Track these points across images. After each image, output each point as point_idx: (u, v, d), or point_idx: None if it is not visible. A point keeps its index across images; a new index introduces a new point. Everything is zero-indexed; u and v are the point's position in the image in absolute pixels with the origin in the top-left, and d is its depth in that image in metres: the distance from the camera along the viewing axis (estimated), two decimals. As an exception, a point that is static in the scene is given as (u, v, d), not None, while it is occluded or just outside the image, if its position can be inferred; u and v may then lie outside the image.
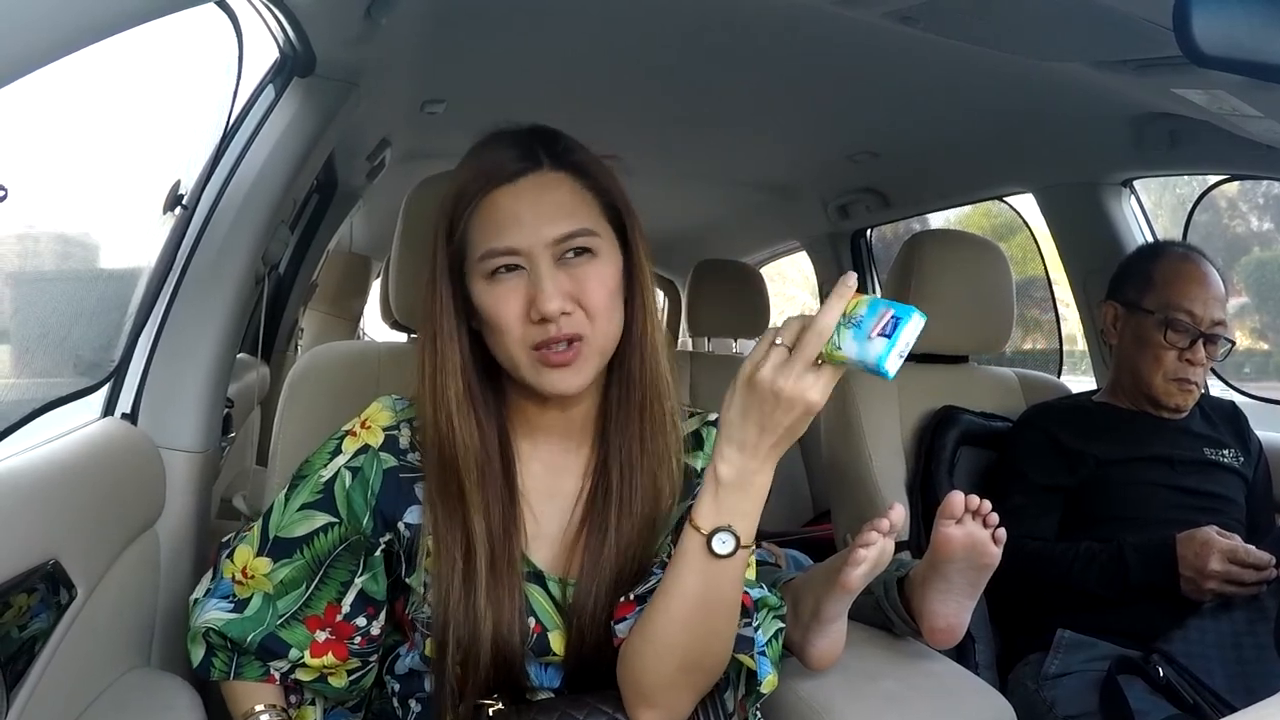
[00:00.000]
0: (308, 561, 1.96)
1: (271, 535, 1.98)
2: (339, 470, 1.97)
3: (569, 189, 1.85)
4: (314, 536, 1.95)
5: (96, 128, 2.50)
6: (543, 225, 1.79)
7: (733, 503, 1.69)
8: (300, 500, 1.97)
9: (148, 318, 2.77)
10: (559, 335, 1.79)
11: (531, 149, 1.86)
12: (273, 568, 1.97)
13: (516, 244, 1.79)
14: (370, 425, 2.02)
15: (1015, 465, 3.30)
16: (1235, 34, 1.66)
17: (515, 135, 1.91)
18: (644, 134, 4.85)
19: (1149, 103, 3.21)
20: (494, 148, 1.89)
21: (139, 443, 2.66)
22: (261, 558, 1.98)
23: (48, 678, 1.92)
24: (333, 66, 2.95)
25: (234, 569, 2.01)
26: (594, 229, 1.84)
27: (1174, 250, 3.41)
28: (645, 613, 1.80)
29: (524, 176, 1.83)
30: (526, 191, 1.82)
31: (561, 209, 1.82)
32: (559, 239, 1.79)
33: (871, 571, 2.22)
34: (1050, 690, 2.86)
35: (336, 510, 1.96)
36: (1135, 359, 3.28)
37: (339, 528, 1.96)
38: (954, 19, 2.59)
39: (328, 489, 1.96)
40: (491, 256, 1.80)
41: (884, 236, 6.47)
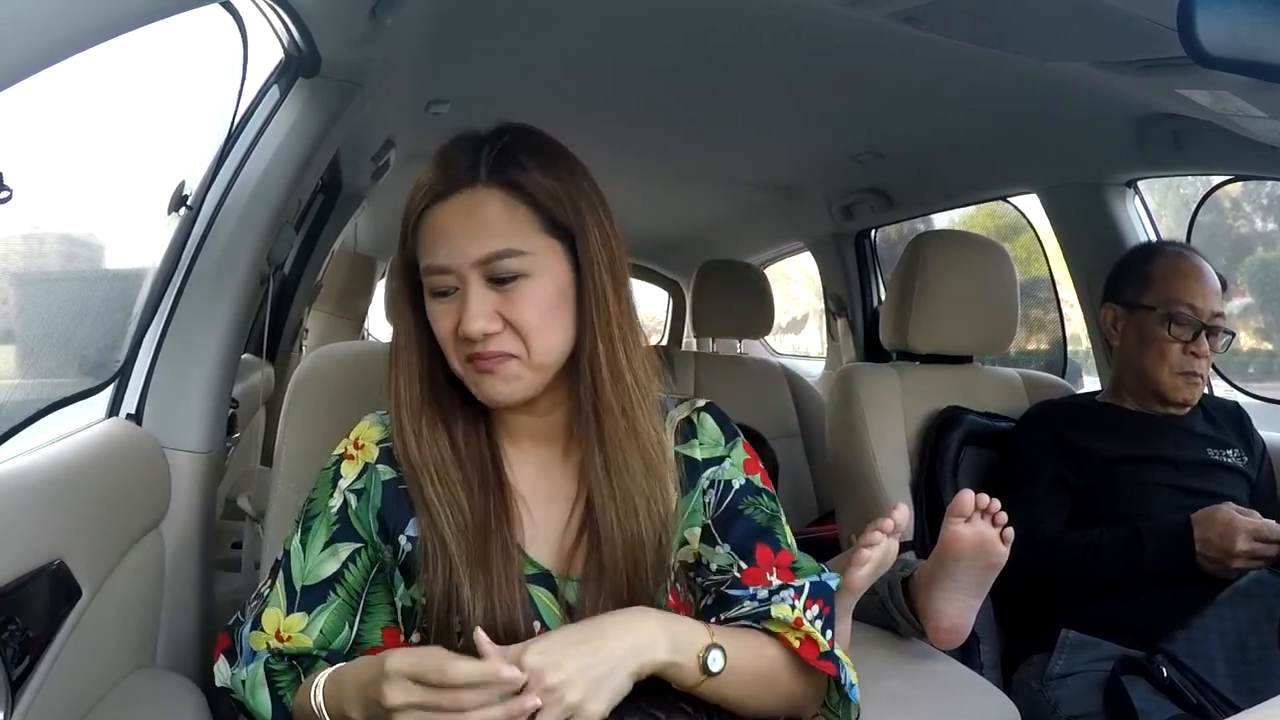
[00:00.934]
0: (344, 600, 1.93)
1: (299, 587, 1.94)
2: (345, 496, 1.96)
3: (500, 205, 1.81)
4: (345, 571, 1.93)
5: (101, 128, 2.50)
6: (469, 244, 1.78)
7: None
8: (321, 540, 1.95)
9: (152, 318, 2.77)
10: (485, 353, 1.80)
11: (474, 162, 1.83)
12: (309, 621, 1.91)
13: (447, 262, 1.79)
14: (363, 444, 2.01)
15: (1025, 459, 3.30)
16: (1239, 34, 1.66)
17: (468, 143, 1.88)
18: (648, 134, 4.85)
19: (1153, 103, 3.21)
20: (448, 154, 1.88)
21: (144, 443, 2.66)
22: (294, 615, 1.92)
23: (53, 678, 1.92)
24: (337, 67, 2.95)
25: (266, 638, 1.93)
26: (523, 248, 1.81)
27: (1168, 248, 3.44)
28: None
29: (456, 193, 1.81)
30: (457, 208, 1.81)
31: (490, 226, 1.80)
32: (484, 259, 1.78)
33: (876, 571, 2.22)
34: (1054, 690, 2.86)
35: (359, 535, 1.94)
36: (1140, 357, 3.29)
37: (366, 551, 1.94)
38: (958, 19, 2.59)
39: (342, 516, 1.95)
40: (430, 273, 1.82)
41: (888, 237, 6.46)
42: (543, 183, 1.85)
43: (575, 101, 4.13)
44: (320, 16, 2.64)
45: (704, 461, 2.02)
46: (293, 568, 1.94)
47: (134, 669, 2.38)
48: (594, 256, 1.88)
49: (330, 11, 2.62)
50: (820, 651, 1.85)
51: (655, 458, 1.93)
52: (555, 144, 1.94)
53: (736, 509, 2.01)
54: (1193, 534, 2.86)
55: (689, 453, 2.01)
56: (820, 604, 1.93)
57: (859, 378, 3.64)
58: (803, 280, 9.33)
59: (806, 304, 9.66)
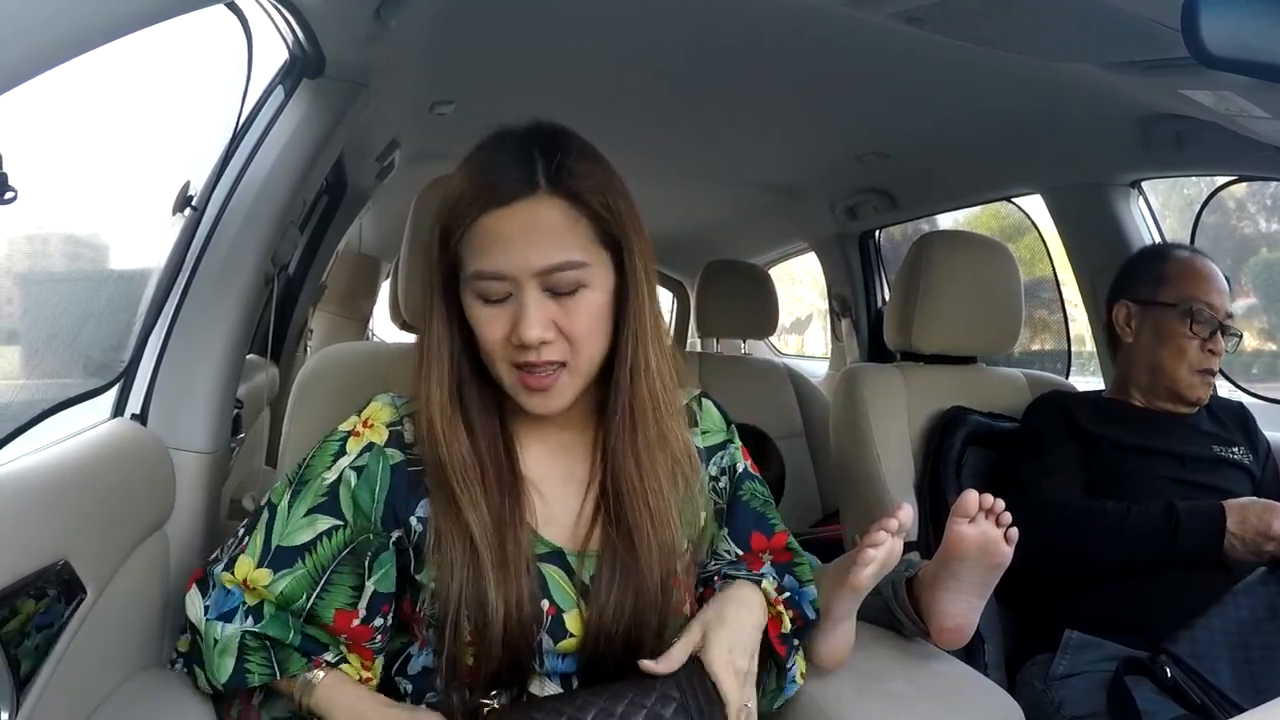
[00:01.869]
0: (309, 571, 1.94)
1: (274, 545, 1.96)
2: (343, 472, 1.96)
3: (561, 215, 1.82)
4: (318, 542, 1.94)
5: (106, 129, 2.50)
6: (531, 253, 1.78)
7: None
8: (304, 506, 1.96)
9: (157, 318, 2.77)
10: (539, 361, 1.81)
11: (530, 167, 1.83)
12: (272, 579, 1.94)
13: (504, 269, 1.79)
14: (373, 423, 2.02)
15: (1040, 436, 3.32)
16: (1243, 35, 1.66)
17: (516, 144, 1.88)
18: (652, 135, 4.85)
19: (1157, 103, 3.21)
20: (494, 157, 1.87)
21: (149, 443, 2.66)
22: (262, 569, 1.95)
23: (58, 678, 1.92)
24: (342, 67, 2.95)
25: (235, 580, 1.98)
26: (583, 259, 1.83)
27: (1180, 250, 3.46)
28: None
29: (518, 200, 1.80)
30: (518, 216, 1.80)
31: (552, 237, 1.81)
32: (546, 269, 1.79)
33: (880, 571, 2.22)
34: (1058, 691, 2.86)
35: (341, 513, 1.95)
36: (1156, 354, 3.29)
37: (344, 530, 1.94)
38: (962, 20, 2.60)
39: (332, 492, 1.95)
40: (480, 278, 1.82)
41: (892, 238, 6.46)
42: (598, 194, 1.86)
43: (579, 101, 4.13)
44: (325, 17, 2.64)
45: (708, 449, 2.09)
46: (275, 524, 1.98)
47: (138, 669, 2.38)
48: (638, 266, 1.91)
49: (335, 12, 2.63)
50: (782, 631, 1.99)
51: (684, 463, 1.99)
52: (596, 151, 1.96)
53: (737, 494, 2.11)
54: (1225, 518, 2.87)
55: (695, 440, 2.06)
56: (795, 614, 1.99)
57: (863, 378, 3.64)
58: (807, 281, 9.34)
59: (811, 304, 9.66)
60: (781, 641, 1.99)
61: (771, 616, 1.97)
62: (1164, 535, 2.90)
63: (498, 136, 1.93)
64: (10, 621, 1.78)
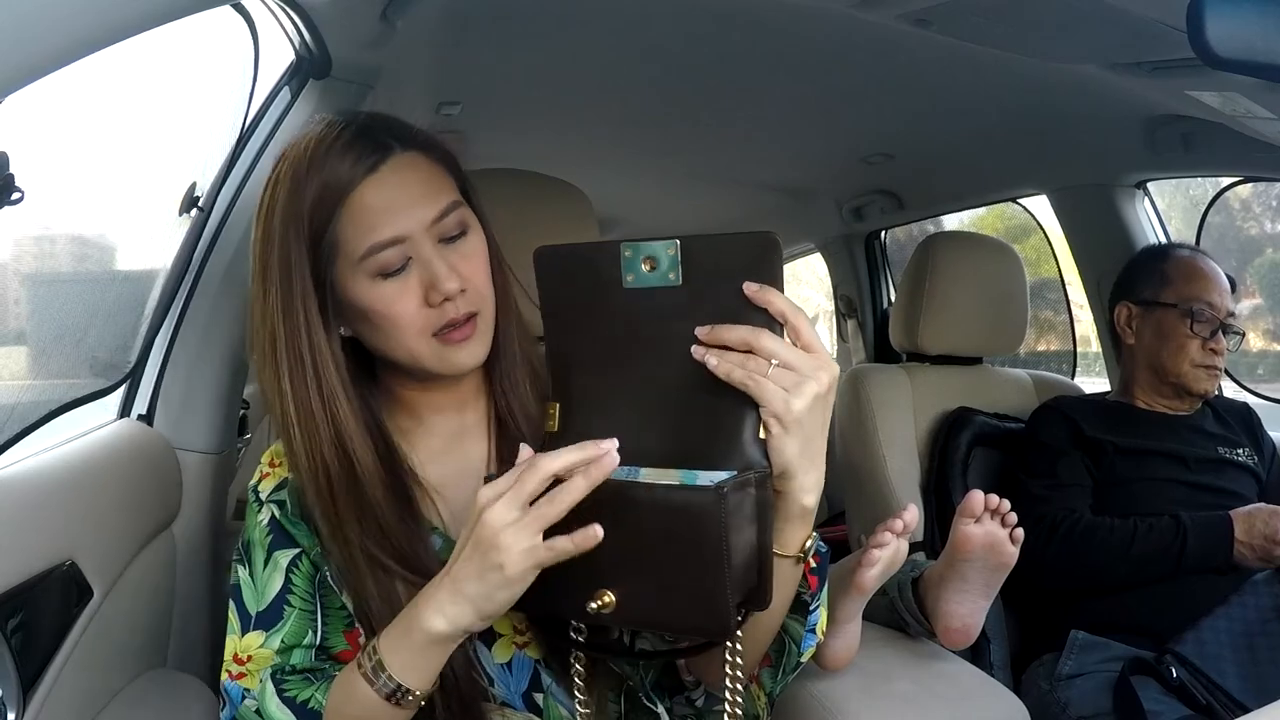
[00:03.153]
0: (300, 609, 1.82)
1: (253, 612, 1.83)
2: (270, 511, 1.87)
3: (426, 165, 1.79)
4: (290, 579, 1.83)
5: (113, 129, 2.50)
6: (416, 208, 1.73)
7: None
8: (260, 558, 1.85)
9: (164, 319, 2.78)
10: (458, 315, 1.75)
11: (374, 136, 1.77)
12: (266, 636, 1.80)
13: (399, 232, 1.71)
14: (279, 463, 1.92)
15: (1045, 446, 3.32)
16: (1249, 36, 1.66)
17: (353, 124, 1.80)
18: (658, 136, 4.84)
19: (1163, 105, 3.21)
20: (334, 147, 1.76)
21: (155, 444, 2.67)
22: (251, 633, 1.81)
23: (64, 678, 1.92)
24: (348, 69, 2.95)
25: (226, 667, 1.81)
26: (460, 201, 1.81)
27: (1182, 249, 3.49)
28: None
29: (383, 163, 1.74)
30: (390, 176, 1.74)
31: (428, 186, 1.77)
32: (437, 217, 1.74)
33: (885, 572, 2.22)
34: (1064, 691, 2.86)
35: (294, 540, 1.85)
36: (1159, 353, 3.31)
37: (306, 558, 1.85)
38: (968, 21, 2.60)
39: (273, 526, 1.86)
40: (375, 252, 1.71)
41: (898, 239, 6.46)
42: (437, 145, 1.86)
43: (585, 103, 4.13)
44: (331, 18, 2.64)
45: None
46: (244, 596, 1.83)
47: (145, 669, 2.39)
48: (483, 209, 1.89)
49: (341, 13, 2.63)
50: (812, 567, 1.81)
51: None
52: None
53: None
54: (1232, 527, 2.88)
55: None
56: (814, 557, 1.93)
57: (869, 378, 3.64)
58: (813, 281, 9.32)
59: (816, 305, 9.65)
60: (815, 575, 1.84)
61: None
62: (1173, 550, 2.91)
63: (328, 125, 1.80)
64: (17, 621, 1.78)
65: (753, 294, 1.46)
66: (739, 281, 1.46)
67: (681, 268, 1.47)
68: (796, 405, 1.47)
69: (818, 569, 1.87)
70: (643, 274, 1.48)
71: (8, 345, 2.51)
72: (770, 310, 1.47)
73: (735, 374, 1.46)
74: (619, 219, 6.53)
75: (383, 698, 1.57)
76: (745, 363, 1.47)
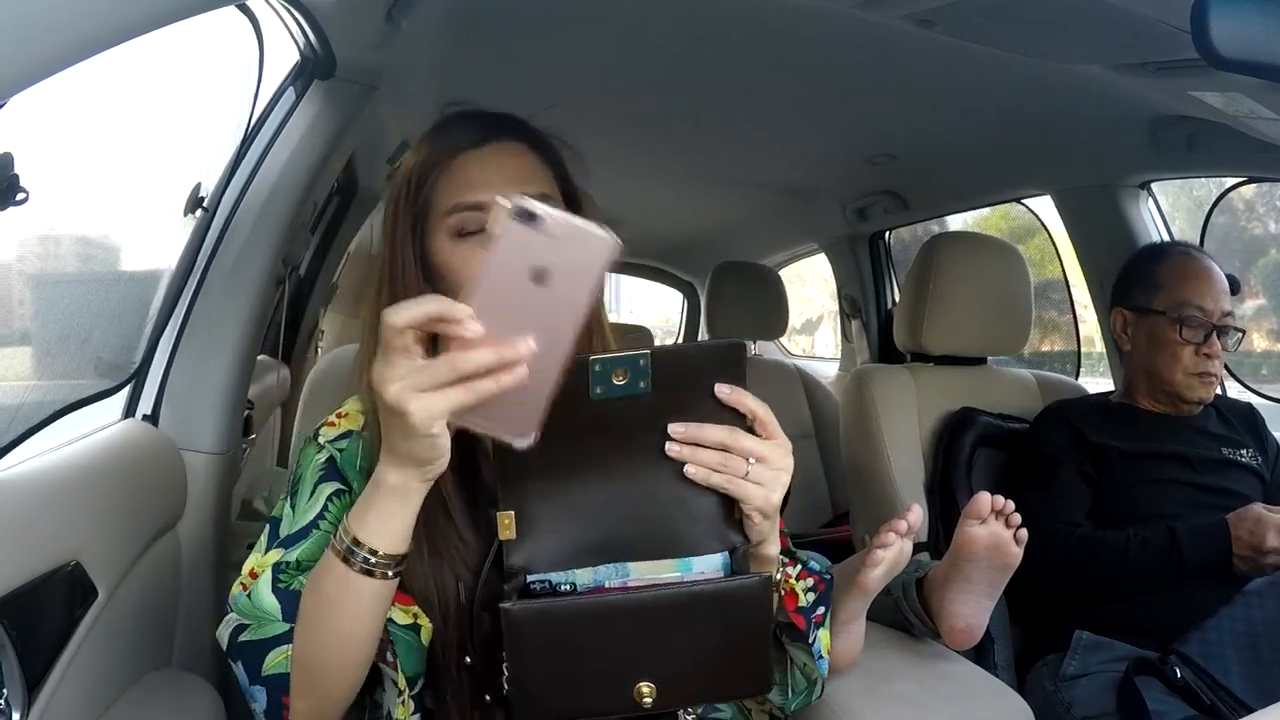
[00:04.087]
0: (325, 532, 1.83)
1: (282, 535, 1.85)
2: (328, 450, 1.91)
3: (529, 158, 1.90)
4: (327, 505, 1.86)
5: (118, 130, 2.51)
6: (508, 186, 1.73)
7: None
8: (306, 493, 1.88)
9: (168, 320, 2.79)
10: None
11: (496, 123, 1.92)
12: (284, 553, 1.82)
13: (483, 199, 1.80)
14: (346, 413, 1.99)
15: (1046, 456, 3.31)
16: (1253, 37, 1.66)
17: (479, 112, 1.97)
18: (663, 137, 4.85)
19: (1167, 105, 3.21)
20: (457, 122, 1.94)
21: (160, 444, 2.67)
22: (271, 550, 1.83)
23: (69, 678, 1.92)
24: (353, 69, 2.95)
25: (241, 578, 1.81)
26: (551, 195, 1.87)
27: (1174, 250, 3.45)
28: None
29: (489, 144, 1.88)
30: (492, 156, 1.87)
31: (523, 173, 1.86)
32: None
33: (889, 572, 2.22)
34: (1068, 691, 2.86)
35: (344, 478, 1.89)
36: (1152, 360, 3.29)
37: (349, 495, 1.87)
38: (971, 21, 2.60)
39: (329, 464, 1.90)
40: (458, 210, 1.82)
41: (902, 239, 6.46)
42: (554, 150, 1.96)
43: (590, 103, 4.14)
44: (336, 19, 2.65)
45: None
46: (280, 525, 1.87)
47: (150, 669, 2.39)
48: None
49: (346, 14, 2.63)
50: (798, 605, 1.87)
51: None
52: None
53: None
54: (1228, 533, 2.86)
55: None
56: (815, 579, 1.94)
57: (873, 379, 3.65)
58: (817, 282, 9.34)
59: (821, 305, 9.67)
60: (800, 614, 1.91)
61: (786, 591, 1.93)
62: (1170, 561, 2.90)
63: (456, 113, 1.99)
64: (22, 622, 1.78)
65: (725, 396, 1.56)
66: (708, 385, 1.54)
67: (651, 376, 1.50)
68: (775, 497, 1.61)
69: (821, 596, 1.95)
70: (613, 385, 1.51)
71: (12, 346, 2.51)
72: (741, 409, 1.57)
73: (714, 478, 1.58)
74: (622, 219, 6.50)
75: (352, 567, 1.58)
76: (725, 463, 1.58)
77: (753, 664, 1.64)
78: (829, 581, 1.97)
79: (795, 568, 1.98)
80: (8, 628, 1.74)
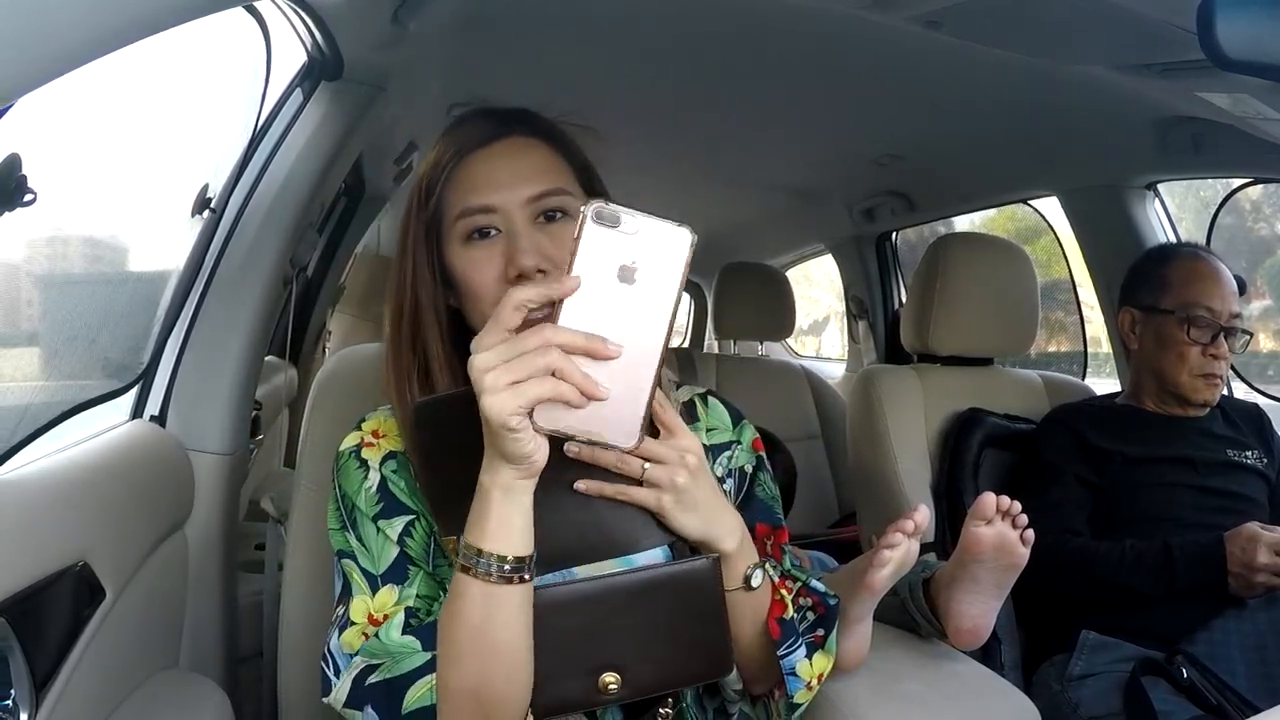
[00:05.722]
0: (423, 570, 1.79)
1: (377, 572, 1.78)
2: (380, 477, 1.85)
3: (542, 152, 1.88)
4: (405, 542, 1.80)
5: (125, 131, 2.51)
6: (518, 184, 1.80)
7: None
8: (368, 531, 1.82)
9: (176, 320, 2.79)
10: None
11: (505, 119, 1.91)
12: (401, 590, 1.76)
13: (493, 201, 1.79)
14: (384, 434, 1.92)
15: (1047, 462, 3.31)
16: (1259, 38, 1.66)
17: (489, 110, 1.96)
18: (669, 137, 4.86)
19: (1173, 106, 3.20)
20: (469, 121, 1.93)
21: (167, 445, 2.68)
22: (383, 589, 1.76)
23: (77, 678, 1.93)
24: (360, 70, 2.96)
25: (360, 628, 1.73)
26: (568, 189, 1.85)
27: (1183, 250, 3.45)
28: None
29: (499, 140, 1.86)
30: (501, 154, 1.84)
31: (536, 169, 1.84)
32: (534, 197, 1.80)
33: (896, 573, 2.22)
34: (1075, 691, 2.86)
35: (407, 507, 1.83)
36: (1159, 360, 3.29)
37: (420, 523, 1.82)
38: (978, 23, 2.60)
39: (383, 492, 1.84)
40: (468, 215, 1.80)
41: (908, 240, 6.46)
42: (571, 142, 1.96)
43: (597, 104, 4.13)
44: (343, 20, 2.65)
45: (712, 446, 2.04)
46: (359, 560, 1.80)
47: (157, 670, 2.40)
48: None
49: (353, 15, 2.64)
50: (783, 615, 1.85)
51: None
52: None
53: (751, 490, 2.06)
54: (1224, 554, 2.85)
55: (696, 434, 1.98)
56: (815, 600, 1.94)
57: (880, 379, 3.65)
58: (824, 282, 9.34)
59: (827, 306, 9.67)
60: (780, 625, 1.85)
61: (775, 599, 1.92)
62: (1164, 578, 2.90)
63: (471, 110, 1.99)
64: (30, 622, 1.79)
65: None
66: None
67: None
68: (667, 499, 1.68)
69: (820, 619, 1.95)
70: None
71: (20, 347, 2.51)
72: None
73: (606, 490, 1.67)
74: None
75: (490, 580, 1.56)
76: (622, 468, 1.67)
77: (711, 646, 1.69)
78: (832, 607, 1.95)
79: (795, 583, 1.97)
80: (16, 628, 1.74)
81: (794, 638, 1.85)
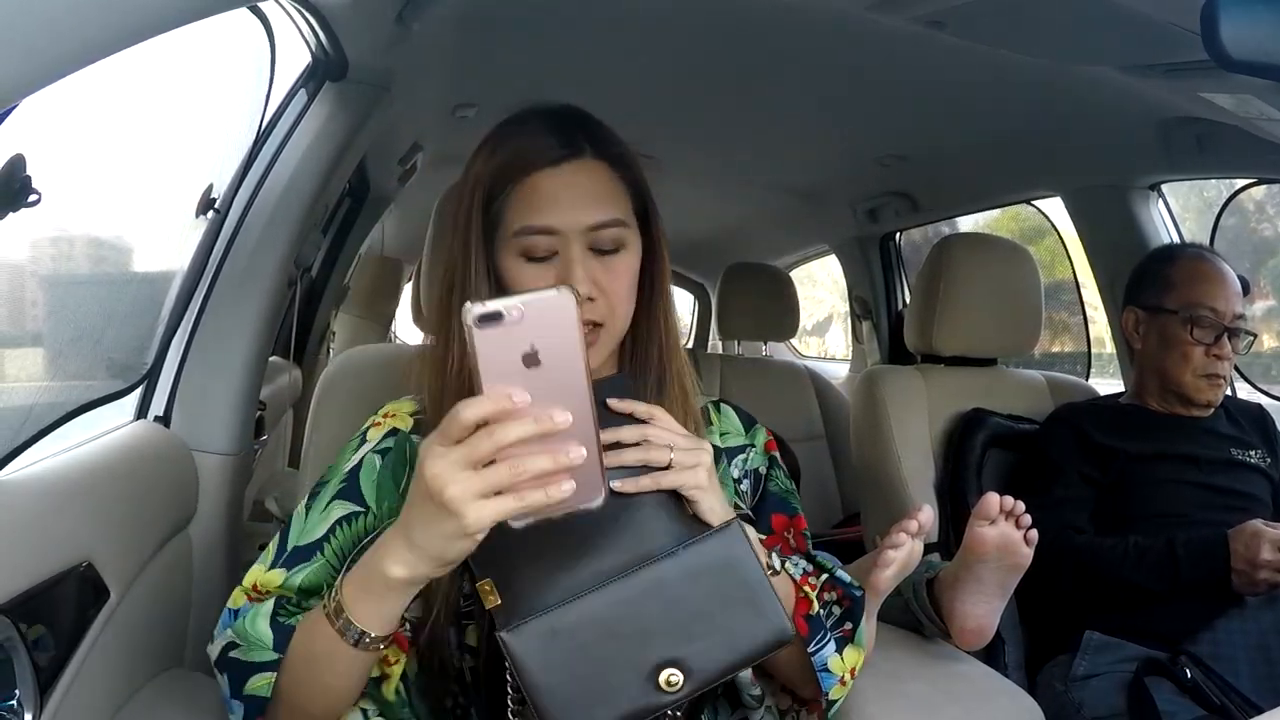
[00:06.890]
0: (327, 560, 1.82)
1: (290, 546, 1.84)
2: (365, 456, 1.91)
3: (606, 178, 1.87)
4: (334, 530, 1.84)
5: (130, 131, 2.51)
6: (580, 211, 1.80)
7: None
8: (324, 501, 1.87)
9: (180, 321, 2.79)
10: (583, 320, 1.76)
11: (573, 134, 1.89)
12: (287, 576, 1.80)
13: (553, 223, 1.79)
14: (394, 414, 1.98)
15: (1050, 460, 3.31)
16: (1263, 38, 1.66)
17: (553, 116, 1.94)
18: (674, 139, 4.86)
19: (1177, 106, 3.20)
20: (534, 127, 1.92)
21: (172, 445, 2.68)
22: (274, 570, 1.81)
23: (81, 679, 1.93)
24: (365, 71, 2.96)
25: (244, 590, 1.82)
26: (624, 220, 1.85)
27: (1188, 251, 3.45)
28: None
29: (567, 161, 1.84)
30: (567, 176, 1.83)
31: (598, 197, 1.83)
32: (593, 226, 1.81)
33: (900, 573, 2.22)
34: (1078, 691, 2.86)
35: (362, 498, 1.87)
36: (1162, 360, 3.30)
37: (364, 518, 1.85)
38: (982, 23, 2.60)
39: (351, 477, 1.89)
40: (527, 233, 1.80)
41: (912, 240, 6.46)
42: (632, 165, 1.94)
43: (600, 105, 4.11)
44: (347, 21, 2.65)
45: (728, 450, 2.07)
46: (291, 529, 1.87)
47: (162, 670, 2.39)
48: (662, 234, 1.96)
49: (357, 16, 2.64)
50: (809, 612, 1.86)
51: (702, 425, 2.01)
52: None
53: (766, 487, 2.08)
54: (1228, 551, 2.85)
55: (710, 439, 2.02)
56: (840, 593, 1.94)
57: (883, 380, 3.65)
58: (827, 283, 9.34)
59: (831, 306, 9.67)
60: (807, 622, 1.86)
61: (800, 597, 1.92)
62: (1167, 575, 2.90)
63: (531, 111, 1.98)
64: (34, 623, 1.79)
65: (616, 405, 1.74)
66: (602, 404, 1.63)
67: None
68: (702, 475, 1.70)
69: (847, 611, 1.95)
70: None
71: (25, 347, 2.52)
72: (636, 414, 1.73)
73: (644, 481, 1.68)
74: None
75: (343, 639, 1.57)
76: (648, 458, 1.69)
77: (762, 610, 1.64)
78: (858, 599, 1.96)
79: (820, 577, 1.99)
80: (20, 628, 1.74)
81: (822, 633, 1.85)
